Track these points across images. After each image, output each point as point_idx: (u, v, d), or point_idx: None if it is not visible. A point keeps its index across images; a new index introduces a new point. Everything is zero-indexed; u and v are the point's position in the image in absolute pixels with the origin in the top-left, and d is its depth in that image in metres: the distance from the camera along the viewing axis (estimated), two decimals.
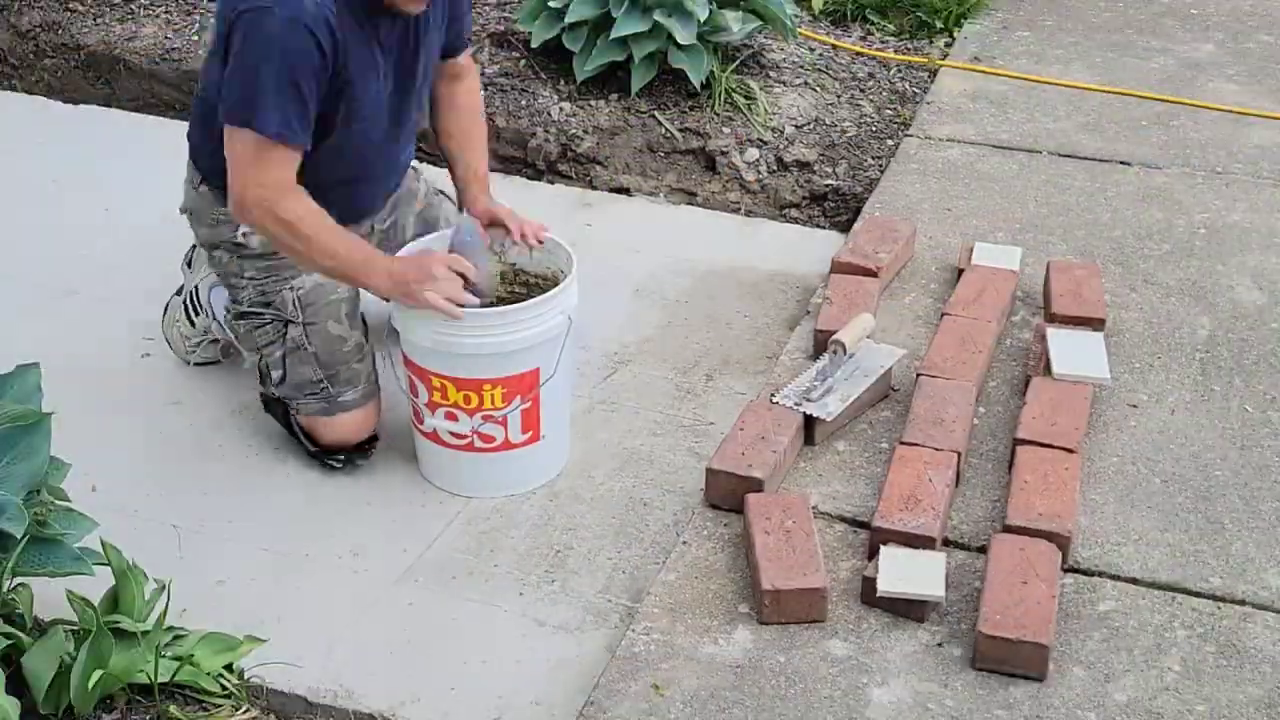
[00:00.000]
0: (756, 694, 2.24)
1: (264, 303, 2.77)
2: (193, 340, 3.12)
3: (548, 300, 2.63)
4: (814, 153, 3.97)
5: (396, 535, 2.68)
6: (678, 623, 2.38)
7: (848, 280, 3.18)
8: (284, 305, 2.75)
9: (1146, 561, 2.50)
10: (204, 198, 2.80)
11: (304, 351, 2.75)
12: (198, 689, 2.28)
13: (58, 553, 2.22)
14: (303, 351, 2.75)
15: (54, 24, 4.56)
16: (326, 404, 2.77)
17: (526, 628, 2.47)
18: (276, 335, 2.76)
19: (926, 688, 2.25)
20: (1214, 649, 2.32)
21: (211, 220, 2.80)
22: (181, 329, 3.12)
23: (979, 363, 2.90)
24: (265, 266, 2.77)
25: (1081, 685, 2.25)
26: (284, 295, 2.75)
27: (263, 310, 2.77)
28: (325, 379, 2.76)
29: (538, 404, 2.70)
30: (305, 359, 2.75)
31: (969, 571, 2.47)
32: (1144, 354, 3.05)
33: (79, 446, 2.44)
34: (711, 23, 3.93)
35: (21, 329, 3.26)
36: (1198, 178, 3.75)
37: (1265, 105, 4.13)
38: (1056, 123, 4.04)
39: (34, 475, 2.21)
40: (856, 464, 2.75)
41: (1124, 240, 3.48)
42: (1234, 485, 2.68)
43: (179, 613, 2.42)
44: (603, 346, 3.22)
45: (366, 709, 2.31)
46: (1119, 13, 4.79)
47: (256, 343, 2.79)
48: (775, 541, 2.44)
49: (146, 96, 4.43)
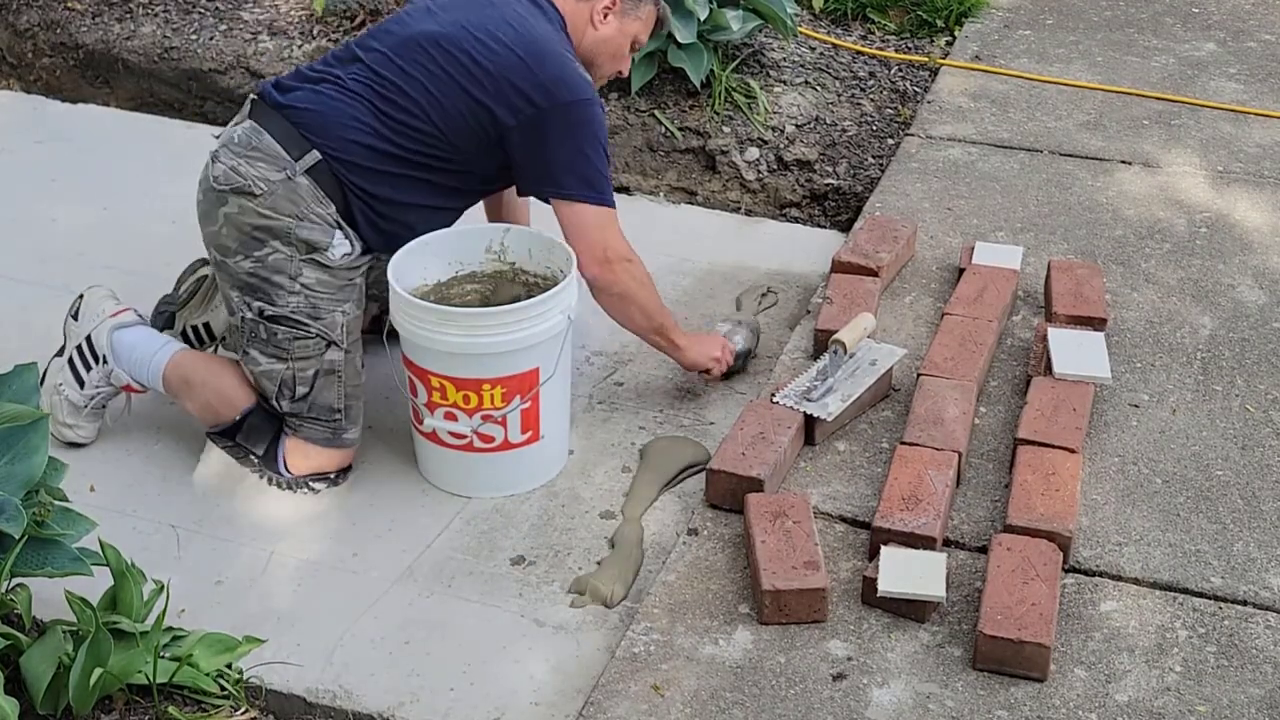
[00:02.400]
0: (756, 694, 2.24)
1: (312, 316, 2.68)
2: (81, 401, 2.84)
3: (547, 300, 2.63)
4: (814, 152, 3.97)
5: (396, 535, 2.68)
6: (678, 623, 2.38)
7: (848, 280, 3.18)
8: (333, 326, 2.70)
9: (1148, 561, 2.49)
10: (299, 189, 2.65)
11: (335, 377, 2.72)
12: (196, 689, 2.27)
13: (56, 553, 2.21)
14: (335, 377, 2.72)
15: (52, 23, 4.55)
16: (332, 435, 2.75)
17: (526, 628, 2.47)
18: (316, 351, 2.69)
19: (927, 688, 2.25)
20: (1215, 649, 2.32)
21: (299, 214, 2.65)
22: (66, 393, 2.83)
23: (980, 362, 2.90)
24: (326, 281, 2.68)
25: (1082, 686, 2.25)
26: (335, 317, 2.70)
27: (309, 322, 2.68)
28: (343, 411, 2.74)
29: (537, 404, 2.70)
30: (334, 384, 2.72)
31: (969, 571, 2.47)
32: (1145, 353, 3.04)
33: (78, 446, 2.45)
34: (712, 21, 3.93)
35: (20, 329, 3.26)
36: (1199, 177, 3.75)
37: (1266, 104, 4.13)
38: (1057, 122, 4.04)
39: (32, 475, 2.21)
40: (857, 464, 2.74)
41: (1125, 239, 3.47)
42: (1235, 485, 2.67)
43: (178, 613, 2.42)
44: (603, 346, 3.21)
45: (366, 709, 2.30)
46: (1120, 12, 4.79)
47: (291, 353, 2.68)
48: (775, 541, 2.43)
49: (145, 96, 4.43)
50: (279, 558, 2.63)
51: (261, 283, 2.67)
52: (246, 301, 2.69)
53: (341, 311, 2.71)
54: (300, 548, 2.65)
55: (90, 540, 2.28)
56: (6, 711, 2.05)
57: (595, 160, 2.73)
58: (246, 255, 2.66)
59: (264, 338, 2.69)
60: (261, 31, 4.42)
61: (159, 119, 4.32)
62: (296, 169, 2.65)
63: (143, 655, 2.21)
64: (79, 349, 2.85)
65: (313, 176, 2.66)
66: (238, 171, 2.66)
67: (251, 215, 2.65)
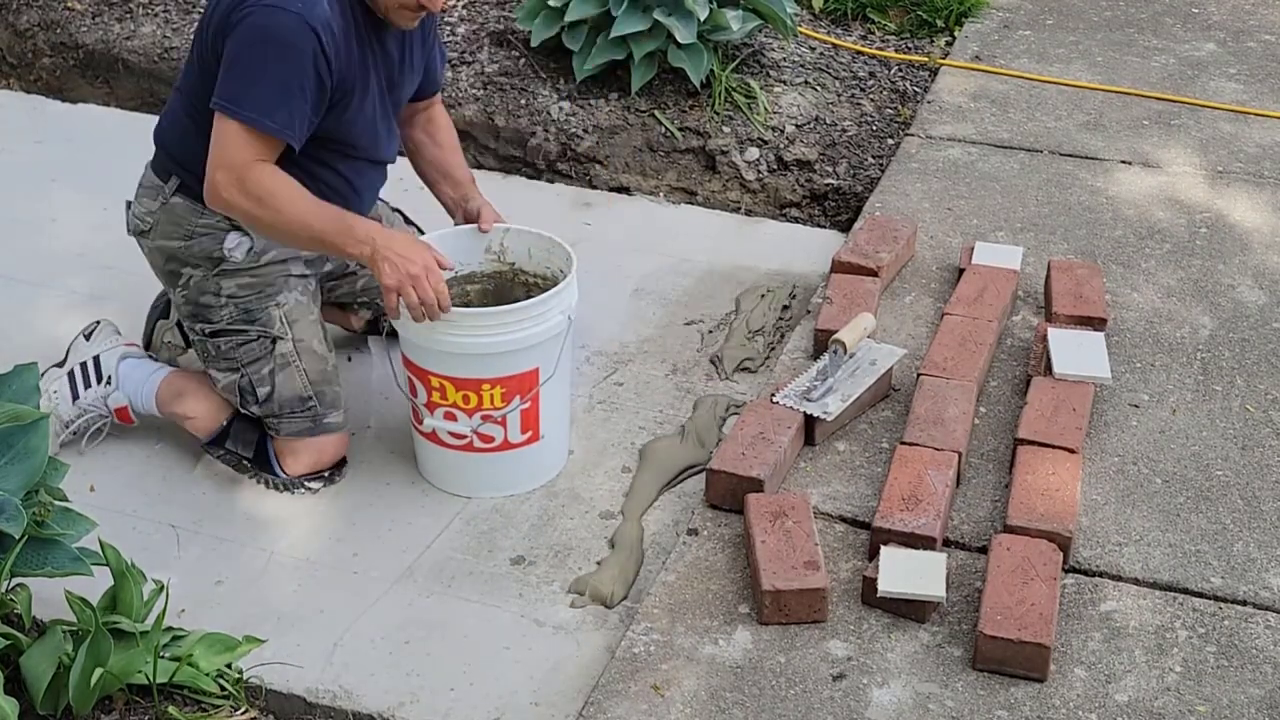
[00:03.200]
0: (756, 694, 2.24)
1: (247, 320, 2.71)
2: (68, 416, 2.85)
3: (547, 300, 2.63)
4: (814, 152, 3.97)
5: (396, 535, 2.68)
6: (678, 623, 2.38)
7: (848, 280, 3.18)
8: (270, 322, 2.71)
9: (1148, 561, 2.49)
10: (175, 210, 2.70)
11: (294, 367, 2.73)
12: (196, 689, 2.27)
13: (56, 553, 2.22)
14: (293, 368, 2.73)
15: (52, 23, 4.55)
16: (312, 424, 2.75)
17: (526, 628, 2.47)
18: (264, 351, 2.71)
19: (927, 688, 2.25)
20: (1215, 649, 2.32)
21: (186, 233, 2.69)
22: (59, 405, 2.85)
23: (980, 362, 2.90)
24: (246, 284, 2.70)
25: (1082, 686, 2.25)
26: (270, 312, 2.71)
27: (246, 327, 2.71)
28: (314, 396, 2.74)
29: (537, 404, 2.70)
30: (295, 374, 2.73)
31: (970, 571, 2.47)
32: (1145, 353, 3.04)
33: (72, 447, 2.45)
34: (711, 21, 3.93)
35: (20, 329, 3.26)
36: (1199, 177, 3.75)
37: (1266, 104, 4.13)
38: (1057, 122, 4.04)
39: (32, 475, 2.21)
40: (857, 464, 2.74)
41: (1125, 239, 3.47)
42: (1235, 485, 2.67)
43: (177, 613, 2.42)
44: (603, 346, 3.21)
45: (366, 709, 2.30)
46: (1120, 12, 4.79)
47: (239, 360, 2.71)
48: (775, 541, 2.43)
49: (145, 95, 4.43)
50: (279, 558, 2.63)
51: (197, 308, 2.73)
52: (193, 327, 2.76)
53: (276, 304, 2.72)
54: (300, 548, 2.65)
55: (90, 540, 2.28)
56: (6, 711, 2.05)
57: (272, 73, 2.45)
58: (174, 287, 2.76)
59: (213, 354, 2.74)
60: None
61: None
62: (167, 191, 2.71)
63: (143, 655, 2.21)
64: (83, 365, 2.90)
65: (183, 195, 2.69)
66: (135, 214, 2.77)
67: (154, 253, 2.76)
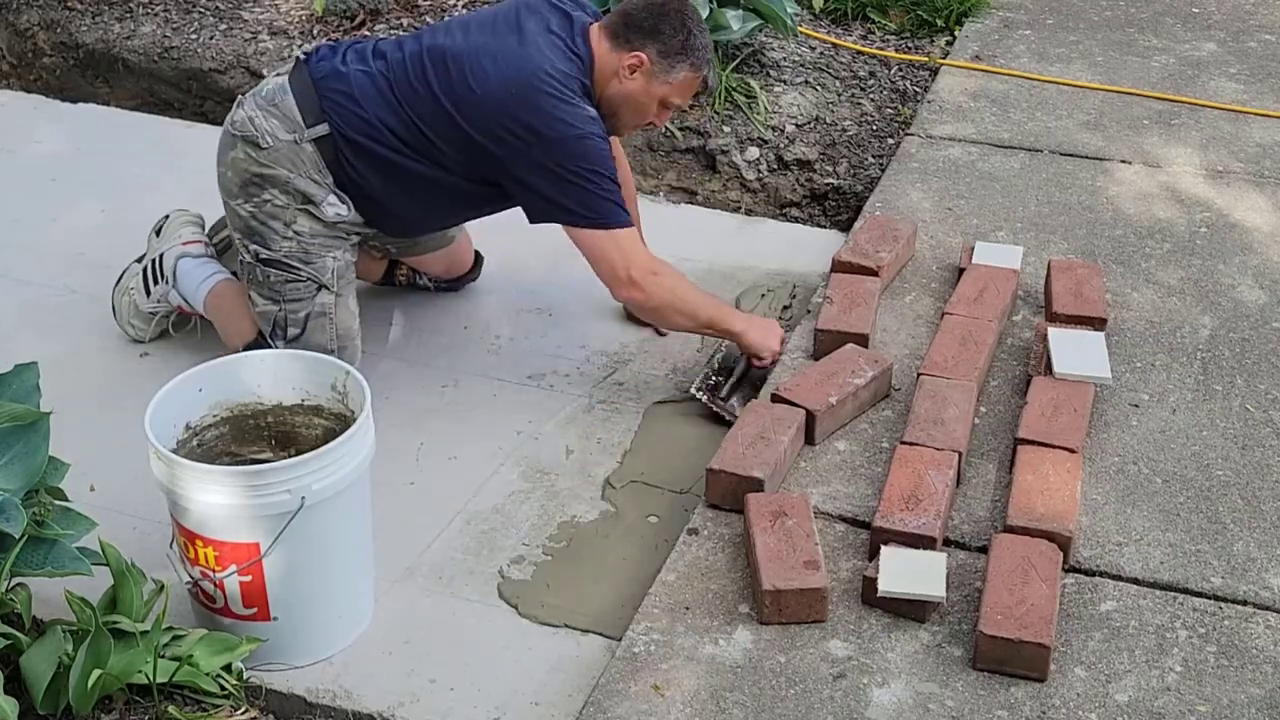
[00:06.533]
0: (756, 694, 2.24)
1: (304, 260, 2.85)
2: (145, 309, 3.16)
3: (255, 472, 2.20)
4: (814, 151, 3.97)
5: (396, 535, 2.68)
6: (678, 623, 2.38)
7: (848, 279, 3.18)
8: (323, 270, 2.86)
9: (1148, 561, 2.49)
10: (303, 152, 2.81)
11: (328, 318, 2.88)
12: (196, 689, 2.27)
13: (56, 552, 2.21)
14: (327, 318, 2.88)
15: (52, 22, 4.55)
16: None
17: (526, 628, 2.47)
18: (308, 294, 2.86)
19: (927, 688, 2.25)
20: (1215, 649, 2.32)
21: (298, 172, 2.81)
22: (134, 297, 3.16)
23: (980, 362, 2.90)
24: (319, 230, 2.85)
25: (1083, 685, 2.25)
26: (326, 261, 2.86)
27: (300, 266, 2.84)
28: (336, 351, 2.85)
29: (262, 581, 2.29)
30: (327, 325, 2.89)
31: (970, 571, 2.47)
32: (1145, 353, 3.04)
33: (78, 446, 2.44)
34: (712, 21, 3.92)
35: (20, 328, 3.26)
36: (1199, 176, 3.75)
37: (1266, 104, 4.12)
38: (1058, 121, 4.04)
39: (32, 475, 2.21)
40: (857, 464, 2.74)
41: (1125, 239, 3.47)
42: (1235, 485, 2.67)
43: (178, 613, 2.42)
44: (603, 346, 3.21)
45: (366, 709, 2.30)
46: (1120, 11, 4.79)
47: (283, 295, 2.86)
48: (775, 541, 2.43)
49: (145, 95, 4.43)
50: None
51: (260, 226, 2.84)
52: (245, 245, 2.88)
53: (333, 257, 2.88)
54: None
55: (90, 540, 2.28)
56: (6, 711, 2.05)
57: (591, 188, 2.78)
58: (246, 199, 2.85)
59: (259, 280, 2.87)
60: (261, 31, 4.43)
61: (159, 119, 4.32)
62: (306, 135, 2.81)
63: (143, 655, 2.21)
64: (153, 263, 3.15)
65: (318, 146, 2.81)
66: (253, 122, 2.83)
67: (253, 164, 2.83)
